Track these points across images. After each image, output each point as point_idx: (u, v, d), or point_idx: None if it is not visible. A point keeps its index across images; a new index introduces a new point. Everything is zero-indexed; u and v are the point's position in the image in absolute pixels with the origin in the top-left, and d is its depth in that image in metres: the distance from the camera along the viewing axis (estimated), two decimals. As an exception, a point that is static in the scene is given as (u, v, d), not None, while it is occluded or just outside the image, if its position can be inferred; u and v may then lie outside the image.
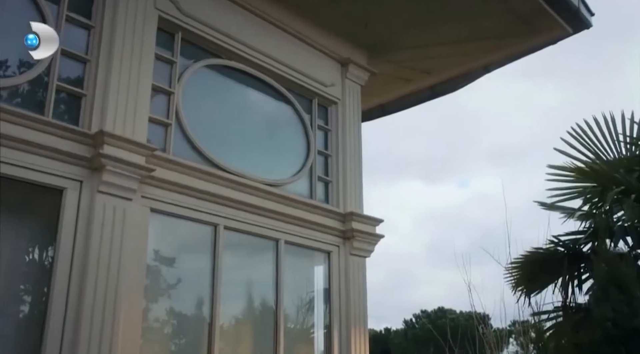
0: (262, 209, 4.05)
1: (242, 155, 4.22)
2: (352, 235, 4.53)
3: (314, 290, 4.53)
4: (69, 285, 3.03)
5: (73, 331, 2.98)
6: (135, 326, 3.25)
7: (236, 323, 4.01)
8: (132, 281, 3.27)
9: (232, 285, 3.90)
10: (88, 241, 3.14)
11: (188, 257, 3.85)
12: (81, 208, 3.18)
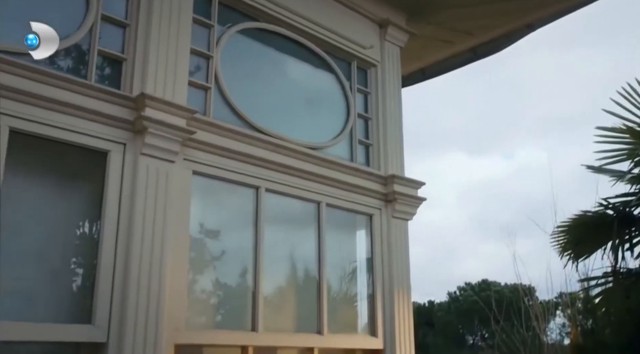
0: (302, 171, 4.04)
1: (282, 118, 4.21)
2: (394, 198, 4.49)
3: (356, 254, 4.52)
4: (116, 246, 3.10)
5: (121, 291, 3.05)
6: (181, 284, 3.31)
7: (279, 286, 4.03)
8: (177, 241, 3.32)
9: (275, 249, 3.92)
10: (133, 202, 3.19)
11: (230, 220, 3.88)
12: (125, 170, 3.23)
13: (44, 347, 3.01)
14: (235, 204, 3.88)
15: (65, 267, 3.14)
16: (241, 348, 3.58)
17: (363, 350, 4.28)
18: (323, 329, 3.97)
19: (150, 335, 3.08)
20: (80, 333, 2.94)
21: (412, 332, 4.45)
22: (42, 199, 3.10)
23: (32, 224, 3.05)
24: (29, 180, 3.08)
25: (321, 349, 3.99)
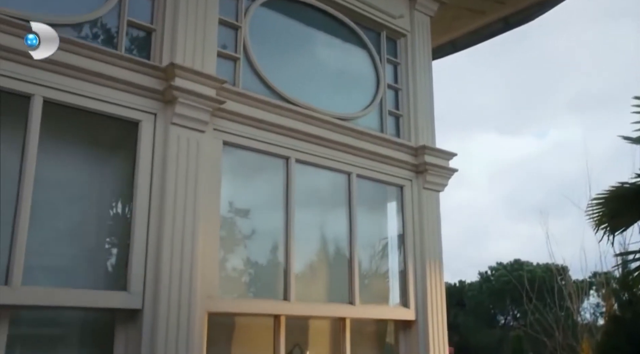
0: (332, 142, 4.02)
1: (311, 89, 4.18)
2: (425, 169, 4.45)
3: (387, 225, 4.50)
4: (149, 215, 3.12)
5: (155, 259, 3.08)
6: (213, 253, 3.33)
7: (310, 257, 4.03)
8: (208, 211, 3.34)
9: (306, 220, 3.92)
10: (165, 172, 3.21)
11: (260, 191, 3.88)
12: (156, 140, 3.25)
13: (83, 313, 3.07)
14: (265, 175, 3.87)
15: (100, 236, 3.19)
16: (274, 317, 3.60)
17: (395, 321, 4.27)
18: (355, 299, 3.96)
19: (184, 303, 3.11)
20: (116, 299, 2.98)
21: (445, 303, 4.42)
22: (75, 169, 3.14)
23: (67, 194, 3.09)
24: (63, 151, 3.12)
25: (353, 320, 4.00)
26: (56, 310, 2.94)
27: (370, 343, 4.28)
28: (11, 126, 2.89)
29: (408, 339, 4.27)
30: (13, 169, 2.81)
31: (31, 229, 2.77)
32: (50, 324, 3.04)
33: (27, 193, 2.78)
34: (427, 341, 4.22)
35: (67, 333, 3.08)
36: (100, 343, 3.08)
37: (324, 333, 4.06)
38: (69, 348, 3.06)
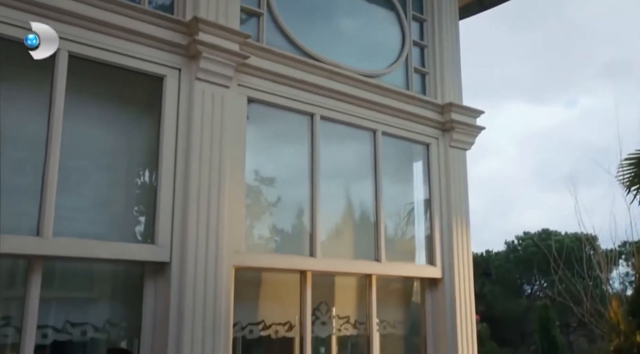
0: (358, 99, 3.98)
1: (336, 45, 4.13)
2: (452, 126, 4.38)
3: (413, 184, 4.47)
4: (175, 169, 3.14)
5: (182, 214, 3.11)
6: (239, 208, 3.35)
7: (336, 214, 4.02)
8: (234, 166, 3.34)
9: (331, 177, 3.91)
10: (190, 127, 3.21)
11: (285, 148, 3.88)
12: (181, 96, 3.25)
13: (113, 266, 3.12)
14: (290, 131, 3.86)
15: (128, 190, 3.23)
16: (300, 273, 3.62)
17: (421, 279, 4.27)
18: (381, 256, 3.96)
19: (211, 257, 3.14)
20: (144, 252, 3.02)
21: (471, 262, 4.39)
22: (102, 124, 3.16)
23: (95, 149, 3.12)
24: (89, 106, 3.14)
25: (379, 277, 4.00)
26: (87, 263, 3.00)
27: (396, 300, 4.29)
28: (38, 81, 2.91)
29: (434, 298, 4.26)
30: (41, 123, 2.84)
31: (60, 183, 2.81)
32: (83, 277, 3.10)
33: (56, 146, 2.82)
34: (453, 299, 4.21)
35: (98, 286, 3.15)
36: (131, 295, 3.14)
37: (350, 290, 4.07)
38: (100, 299, 3.12)
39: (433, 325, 4.23)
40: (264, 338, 3.62)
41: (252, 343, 3.80)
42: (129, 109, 3.31)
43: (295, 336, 3.70)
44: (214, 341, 3.09)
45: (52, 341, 2.88)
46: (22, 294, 2.74)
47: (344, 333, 3.94)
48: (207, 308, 3.09)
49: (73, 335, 2.95)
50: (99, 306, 3.09)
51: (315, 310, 3.72)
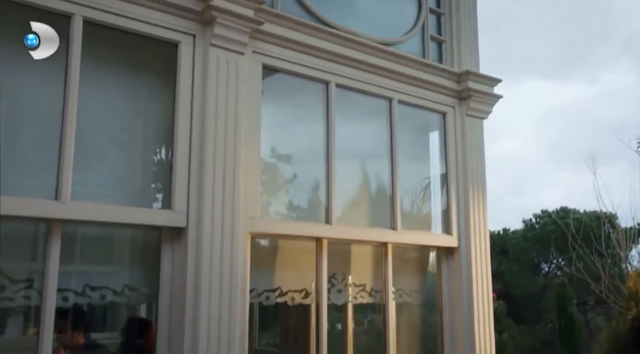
0: (373, 66, 3.94)
1: (351, 13, 4.10)
2: (468, 95, 4.34)
3: (429, 153, 4.45)
4: (190, 135, 3.14)
5: (198, 179, 3.12)
6: (254, 175, 3.35)
7: (351, 182, 4.02)
8: (249, 133, 3.34)
9: (347, 145, 3.89)
10: (205, 94, 3.20)
11: (300, 116, 3.87)
12: (196, 62, 3.24)
13: (131, 231, 3.16)
14: (304, 99, 3.84)
15: (144, 156, 3.25)
16: (316, 240, 3.63)
17: (437, 248, 4.26)
18: (397, 225, 3.96)
19: (227, 222, 3.15)
20: (160, 217, 3.05)
21: (487, 232, 4.38)
22: (117, 90, 3.17)
23: (111, 115, 3.14)
24: (105, 73, 3.14)
25: (395, 245, 4.01)
26: (104, 228, 3.03)
27: (412, 269, 4.29)
28: (54, 47, 2.92)
29: (450, 267, 4.26)
30: (58, 88, 2.85)
31: (77, 148, 2.83)
32: (101, 242, 3.14)
33: (72, 112, 2.83)
34: (469, 268, 4.20)
35: (117, 251, 3.19)
36: (149, 260, 3.17)
37: (366, 259, 4.08)
38: (119, 265, 3.17)
39: (449, 294, 4.24)
40: (281, 304, 3.65)
41: (268, 310, 3.84)
42: (145, 76, 3.31)
43: (311, 304, 3.72)
44: (231, 306, 3.12)
45: (72, 304, 2.94)
46: (42, 258, 2.78)
47: (360, 301, 3.96)
48: (223, 274, 3.11)
49: (93, 299, 3.00)
50: (118, 271, 3.14)
51: (331, 278, 3.74)
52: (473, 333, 4.13)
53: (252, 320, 4.07)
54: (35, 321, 2.87)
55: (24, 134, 2.78)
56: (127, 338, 4.84)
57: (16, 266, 2.84)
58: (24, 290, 2.82)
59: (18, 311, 3.14)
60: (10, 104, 2.74)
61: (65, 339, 4.26)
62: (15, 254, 2.86)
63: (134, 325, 4.93)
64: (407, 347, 4.24)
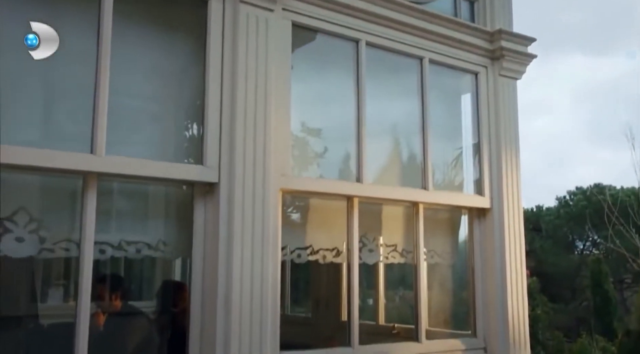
0: (404, 25, 3.90)
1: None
2: (501, 54, 4.26)
3: (460, 114, 4.40)
4: (221, 92, 3.16)
5: (229, 135, 3.13)
6: (285, 131, 3.36)
7: (382, 142, 3.99)
8: (279, 89, 3.33)
9: (377, 105, 3.86)
10: (235, 51, 3.20)
11: (330, 74, 3.85)
12: (226, 19, 3.23)
13: (165, 187, 3.21)
14: (334, 58, 3.82)
15: (177, 112, 3.28)
16: (347, 199, 3.64)
17: (469, 209, 4.23)
18: (428, 185, 3.94)
19: (258, 178, 3.17)
20: (192, 172, 3.08)
21: (520, 194, 4.31)
22: (150, 46, 3.20)
23: (142, 72, 3.17)
24: (137, 29, 3.17)
25: (426, 206, 3.99)
26: (138, 182, 3.08)
27: (443, 231, 4.27)
28: (85, 5, 2.96)
29: (483, 228, 4.22)
30: (91, 43, 2.89)
31: (111, 104, 2.87)
32: (136, 197, 3.20)
33: (105, 67, 2.86)
34: (502, 229, 4.16)
35: (152, 206, 3.24)
36: (182, 216, 3.22)
37: (397, 219, 4.07)
38: (154, 219, 3.22)
39: (481, 256, 4.21)
40: (312, 262, 3.67)
41: (300, 267, 3.87)
42: (176, 34, 3.32)
43: (342, 262, 3.74)
44: (263, 263, 3.15)
45: (109, 257, 3.01)
46: (80, 211, 2.84)
47: (391, 261, 3.96)
48: (255, 229, 3.14)
49: (128, 252, 3.06)
50: (152, 225, 3.20)
51: (362, 237, 3.74)
52: (505, 295, 4.11)
53: (284, 278, 4.10)
54: (75, 274, 2.95)
55: (58, 86, 2.83)
56: (162, 301, 4.96)
57: (56, 219, 2.92)
58: (64, 242, 2.90)
59: (58, 263, 3.23)
60: (47, 59, 2.78)
61: (104, 303, 4.38)
62: (55, 207, 2.94)
63: (169, 288, 5.04)
64: (438, 308, 4.24)
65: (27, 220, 2.78)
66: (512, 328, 4.09)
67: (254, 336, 3.08)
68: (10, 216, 2.76)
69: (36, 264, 3.99)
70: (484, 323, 4.13)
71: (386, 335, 4.56)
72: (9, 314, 3.82)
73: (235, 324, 3.01)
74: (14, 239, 2.75)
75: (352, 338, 3.54)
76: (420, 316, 3.84)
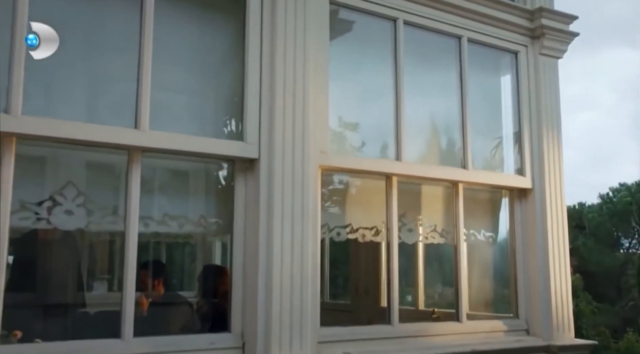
0: (442, 3, 3.88)
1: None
2: (542, 33, 4.20)
3: (500, 94, 4.35)
4: (260, 68, 3.19)
5: (269, 109, 3.17)
6: (323, 108, 3.38)
7: (420, 120, 3.96)
8: (317, 67, 3.35)
9: (415, 84, 3.85)
10: (274, 27, 3.22)
11: (368, 53, 3.85)
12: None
13: (206, 164, 3.26)
14: (372, 38, 3.82)
15: (218, 90, 3.33)
16: (385, 177, 3.63)
17: (510, 189, 4.18)
18: (468, 164, 3.91)
19: (298, 155, 3.20)
20: (233, 147, 3.12)
21: (563, 174, 4.25)
22: (190, 23, 3.26)
23: (184, 49, 3.24)
24: (177, 7, 3.22)
25: (466, 185, 3.95)
26: (181, 158, 3.14)
27: (483, 211, 4.22)
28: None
29: (524, 209, 4.17)
30: (134, 21, 2.96)
31: (154, 80, 2.93)
32: (179, 173, 3.27)
33: (148, 44, 2.93)
34: (544, 210, 4.10)
35: (194, 182, 3.31)
36: (224, 192, 3.28)
37: (436, 199, 4.05)
38: (196, 195, 3.29)
39: (523, 237, 4.16)
40: (352, 241, 3.68)
41: (339, 245, 3.89)
42: (215, 9, 3.37)
43: (382, 241, 3.74)
44: (303, 239, 3.17)
45: (152, 232, 3.08)
46: (125, 186, 2.92)
47: (431, 241, 3.94)
48: (295, 206, 3.16)
49: (171, 227, 3.13)
50: (195, 201, 3.26)
51: (401, 217, 3.74)
52: (548, 277, 4.05)
53: (323, 257, 4.12)
54: (120, 247, 3.03)
55: (102, 62, 2.91)
56: (204, 285, 5.03)
57: (102, 194, 3.01)
58: (110, 216, 2.98)
59: (105, 236, 3.31)
60: (92, 37, 2.87)
61: (147, 289, 4.48)
62: (101, 182, 3.03)
63: (210, 272, 5.12)
64: (478, 289, 4.21)
65: (75, 194, 2.87)
66: (555, 310, 4.03)
67: (294, 312, 3.10)
68: (59, 190, 2.86)
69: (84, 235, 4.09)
70: (526, 304, 4.08)
71: (426, 319, 4.54)
72: (57, 290, 3.95)
73: (276, 299, 3.04)
74: (63, 212, 2.84)
75: (392, 316, 3.54)
76: (461, 297, 3.82)
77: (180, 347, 2.91)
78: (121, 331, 2.79)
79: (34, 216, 2.77)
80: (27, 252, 3.76)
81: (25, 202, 2.77)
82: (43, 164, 2.99)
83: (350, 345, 3.32)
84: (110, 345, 2.76)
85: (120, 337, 2.78)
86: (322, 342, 3.23)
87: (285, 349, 3.03)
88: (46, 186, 2.96)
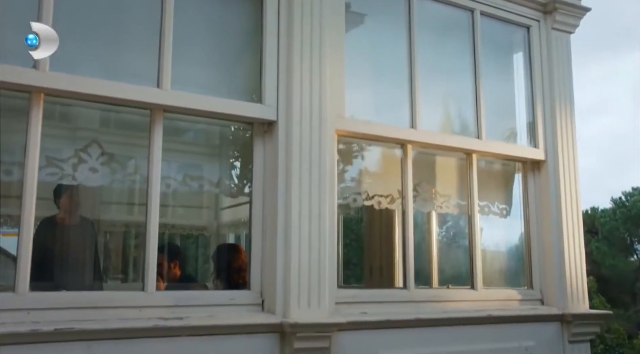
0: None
1: None
2: (554, 7, 4.25)
3: (512, 69, 4.40)
4: (278, 31, 3.27)
5: (286, 75, 3.24)
6: (339, 73, 3.44)
7: (435, 90, 4.01)
8: (333, 34, 3.42)
9: (428, 58, 3.90)
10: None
11: (381, 23, 3.92)
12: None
13: (225, 126, 3.34)
14: (387, 8, 3.90)
15: (235, 52, 3.41)
16: (401, 145, 3.69)
17: (523, 161, 4.22)
18: (482, 134, 3.96)
19: (315, 118, 3.26)
20: (253, 109, 3.19)
21: (576, 147, 4.28)
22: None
23: (204, 14, 3.32)
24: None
25: (480, 155, 4.00)
26: (201, 119, 3.22)
27: (497, 183, 4.27)
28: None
29: (537, 181, 4.21)
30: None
31: (175, 40, 3.01)
32: (199, 136, 3.34)
33: (170, 4, 3.02)
34: (558, 182, 4.14)
35: (213, 145, 3.39)
36: (242, 154, 3.35)
37: (450, 169, 4.10)
38: (215, 157, 3.36)
39: (536, 209, 4.19)
40: (367, 207, 3.74)
41: (355, 211, 3.94)
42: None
43: (397, 209, 3.79)
44: (320, 204, 3.22)
45: (173, 191, 3.15)
46: (147, 145, 2.99)
47: (445, 211, 3.99)
48: (312, 169, 3.21)
49: (191, 187, 3.20)
50: (214, 163, 3.33)
51: (416, 186, 3.79)
52: (562, 247, 4.07)
53: (339, 221, 4.16)
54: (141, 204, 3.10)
55: (125, 22, 2.99)
56: (219, 264, 5.09)
57: (125, 152, 3.09)
58: (133, 175, 3.06)
59: (127, 194, 3.39)
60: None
61: (163, 271, 4.54)
62: (124, 141, 3.11)
63: (224, 250, 5.18)
64: (492, 259, 4.24)
65: (100, 152, 2.95)
66: (569, 281, 4.05)
67: (312, 272, 3.15)
68: (84, 148, 2.94)
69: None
70: (541, 275, 4.11)
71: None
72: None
73: (294, 259, 3.09)
74: (88, 169, 2.93)
75: (408, 280, 3.58)
76: (476, 265, 3.85)
77: (201, 302, 2.96)
78: (144, 284, 2.85)
79: (60, 172, 2.85)
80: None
81: (52, 158, 2.85)
82: (69, 121, 3.08)
83: (367, 306, 3.37)
84: (134, 297, 2.82)
85: (144, 290, 2.84)
86: (340, 303, 3.28)
87: (304, 307, 3.08)
88: (71, 144, 3.05)
